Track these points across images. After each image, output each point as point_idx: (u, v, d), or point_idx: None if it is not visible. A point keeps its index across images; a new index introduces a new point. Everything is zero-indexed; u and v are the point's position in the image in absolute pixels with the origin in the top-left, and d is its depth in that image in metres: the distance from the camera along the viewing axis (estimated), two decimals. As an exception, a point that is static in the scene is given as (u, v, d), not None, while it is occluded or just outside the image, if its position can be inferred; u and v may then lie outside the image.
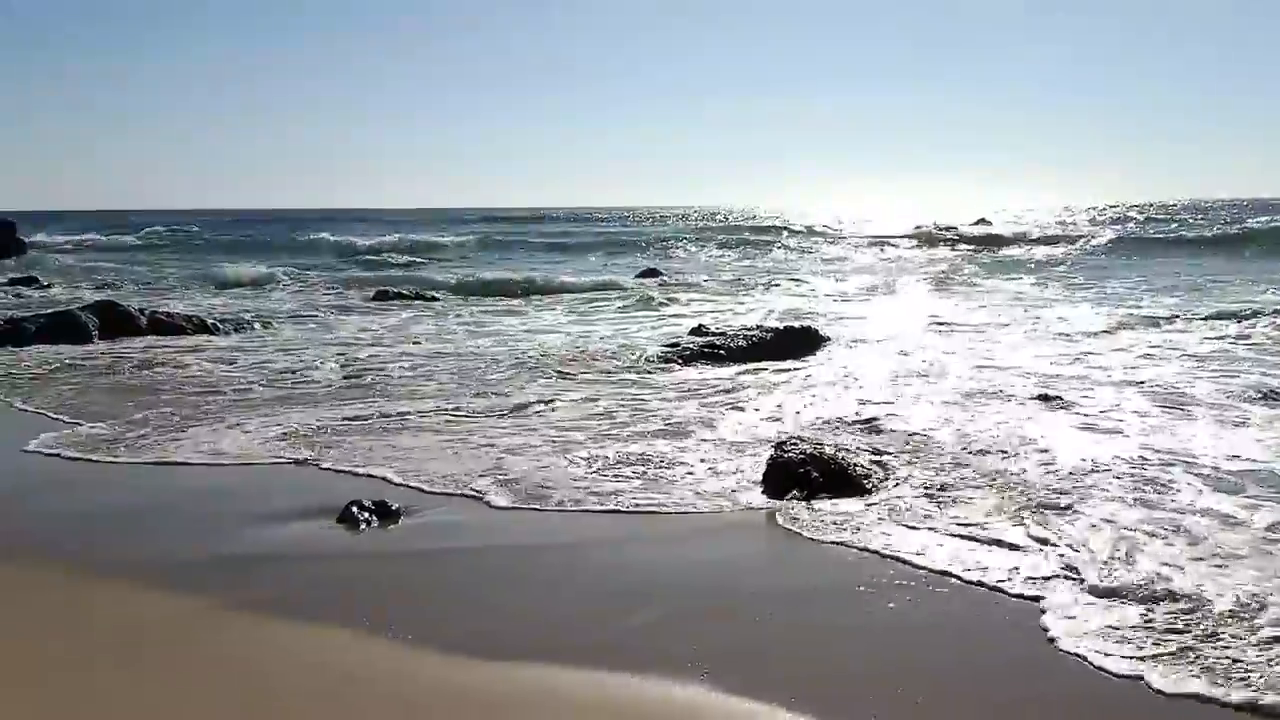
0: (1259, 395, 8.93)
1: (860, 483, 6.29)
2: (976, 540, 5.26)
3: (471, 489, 6.40)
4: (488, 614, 4.50)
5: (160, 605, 4.57)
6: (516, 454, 7.28)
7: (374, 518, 5.76)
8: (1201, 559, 4.90)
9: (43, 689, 3.76)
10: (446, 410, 8.92)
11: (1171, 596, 4.44)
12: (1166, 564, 4.83)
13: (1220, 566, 4.80)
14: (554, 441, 7.66)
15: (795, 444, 6.68)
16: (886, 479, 6.45)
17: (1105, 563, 4.87)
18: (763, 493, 6.25)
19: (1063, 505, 5.79)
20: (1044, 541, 5.20)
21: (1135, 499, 5.89)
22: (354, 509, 5.79)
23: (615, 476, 6.66)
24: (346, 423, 8.38)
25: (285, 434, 7.98)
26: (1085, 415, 8.26)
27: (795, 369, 11.00)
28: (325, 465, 7.08)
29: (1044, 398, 8.85)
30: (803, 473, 6.27)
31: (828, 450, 6.62)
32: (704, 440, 7.65)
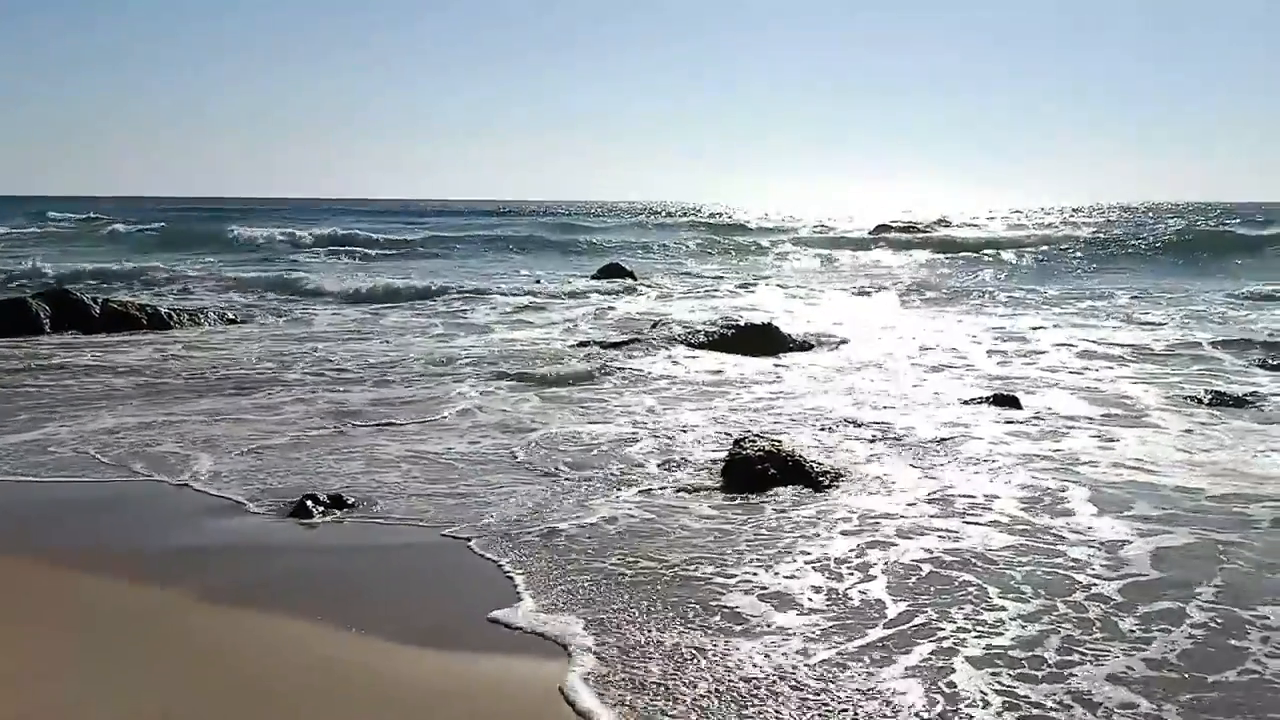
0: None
1: (815, 477, 6.40)
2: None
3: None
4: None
5: (127, 596, 4.56)
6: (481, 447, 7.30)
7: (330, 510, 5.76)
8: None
9: (14, 685, 3.73)
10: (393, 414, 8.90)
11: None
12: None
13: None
14: (502, 436, 7.69)
15: (753, 440, 6.81)
16: (841, 475, 6.56)
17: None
18: (721, 488, 6.33)
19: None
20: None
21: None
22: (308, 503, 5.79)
23: (560, 464, 6.71)
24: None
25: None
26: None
27: (764, 366, 11.10)
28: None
29: None
30: (760, 468, 6.38)
31: (785, 446, 6.72)
32: (657, 434, 7.70)
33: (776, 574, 4.80)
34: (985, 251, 33.87)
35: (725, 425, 8.00)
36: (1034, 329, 14.58)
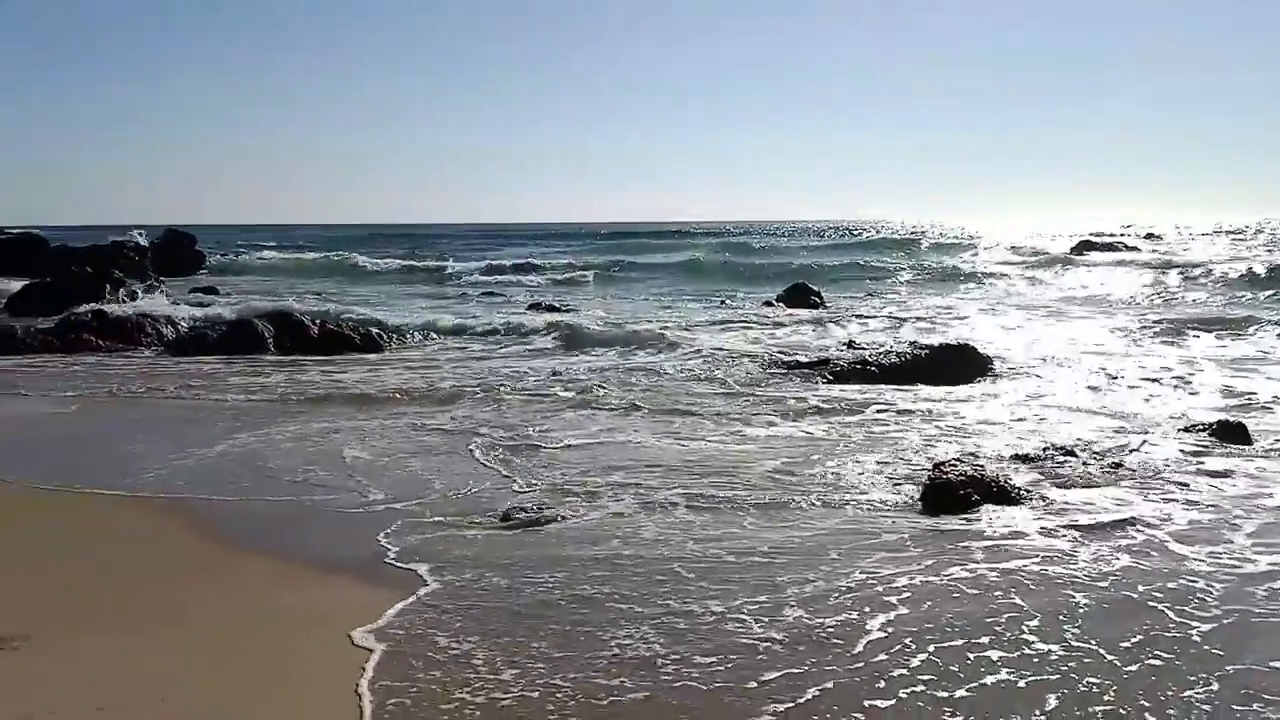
0: None
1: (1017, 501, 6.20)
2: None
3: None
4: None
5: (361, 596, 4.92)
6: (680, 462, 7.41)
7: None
8: None
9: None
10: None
11: None
12: None
13: None
14: (699, 452, 7.74)
15: (954, 465, 6.66)
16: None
17: None
18: (921, 511, 6.19)
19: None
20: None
21: None
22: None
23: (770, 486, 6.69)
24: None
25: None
26: None
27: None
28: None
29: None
30: (963, 494, 6.21)
31: (989, 471, 6.53)
32: (855, 457, 7.57)
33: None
34: (1207, 270, 30.54)
35: (926, 448, 7.78)
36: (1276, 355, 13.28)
